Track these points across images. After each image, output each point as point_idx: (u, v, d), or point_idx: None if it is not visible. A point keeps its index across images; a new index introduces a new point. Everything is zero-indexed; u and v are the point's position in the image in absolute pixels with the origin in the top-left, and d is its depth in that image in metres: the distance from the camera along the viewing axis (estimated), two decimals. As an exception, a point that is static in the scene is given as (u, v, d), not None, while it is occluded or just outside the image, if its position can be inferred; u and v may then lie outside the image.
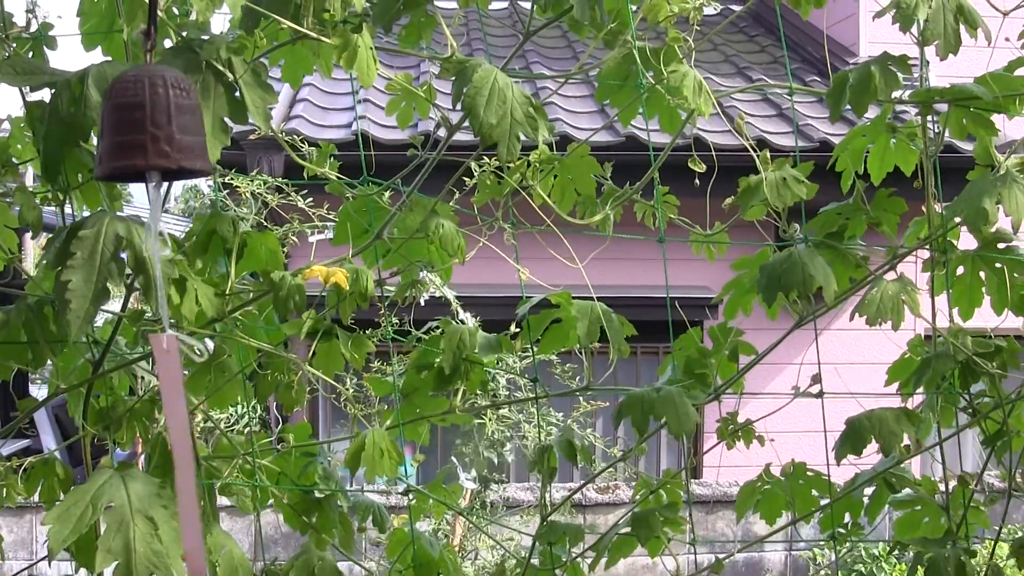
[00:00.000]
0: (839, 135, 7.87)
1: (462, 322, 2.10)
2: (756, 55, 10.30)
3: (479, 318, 5.32)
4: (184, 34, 1.55)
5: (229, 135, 1.52)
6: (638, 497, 2.22)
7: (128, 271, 1.41)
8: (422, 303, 2.17)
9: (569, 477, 8.53)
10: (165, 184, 1.42)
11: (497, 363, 2.16)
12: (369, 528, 2.19)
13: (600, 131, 7.63)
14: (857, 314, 1.99)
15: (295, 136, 2.93)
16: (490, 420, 7.07)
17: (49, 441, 9.08)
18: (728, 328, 2.12)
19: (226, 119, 1.53)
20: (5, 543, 2.10)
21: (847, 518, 2.24)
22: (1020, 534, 7.24)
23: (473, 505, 7.15)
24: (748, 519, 7.69)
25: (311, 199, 5.32)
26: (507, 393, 6.91)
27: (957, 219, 1.97)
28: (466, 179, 2.14)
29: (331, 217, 2.18)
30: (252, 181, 5.20)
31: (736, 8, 10.25)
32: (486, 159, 2.13)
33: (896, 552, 7.00)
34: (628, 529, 2.09)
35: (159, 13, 1.48)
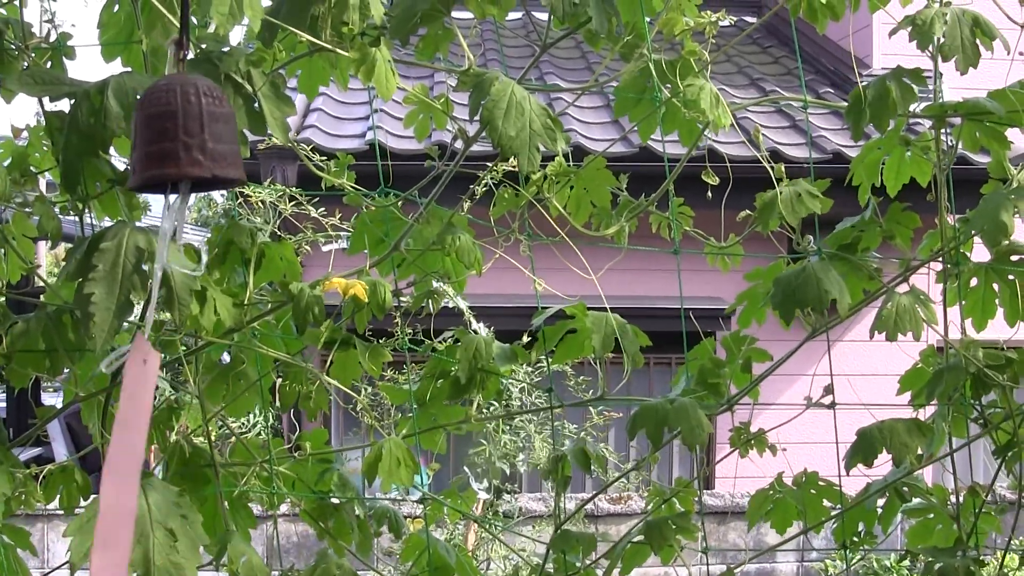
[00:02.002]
0: (853, 147, 7.87)
1: (475, 332, 2.10)
2: (770, 67, 10.30)
3: (493, 328, 5.33)
4: (204, 46, 1.56)
5: (247, 147, 1.53)
6: (651, 506, 2.23)
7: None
8: (442, 309, 2.18)
9: (582, 488, 8.52)
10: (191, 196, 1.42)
11: (511, 374, 2.17)
12: (383, 536, 2.19)
13: (615, 143, 7.64)
14: (876, 331, 1.99)
15: (308, 146, 2.94)
16: (502, 432, 7.07)
17: (61, 450, 9.08)
18: (741, 337, 2.13)
19: (244, 131, 1.54)
20: (17, 552, 2.11)
21: (860, 528, 2.25)
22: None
23: (486, 515, 7.15)
24: (760, 530, 7.68)
25: (323, 209, 5.32)
26: (520, 404, 6.91)
27: (974, 233, 1.97)
28: (476, 188, 2.15)
29: (344, 227, 2.19)
30: (265, 191, 5.21)
31: (750, 20, 10.25)
32: (502, 169, 2.14)
33: (907, 563, 6.99)
34: (641, 537, 2.09)
35: (178, 23, 1.49)
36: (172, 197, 1.32)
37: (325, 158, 2.24)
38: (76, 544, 1.43)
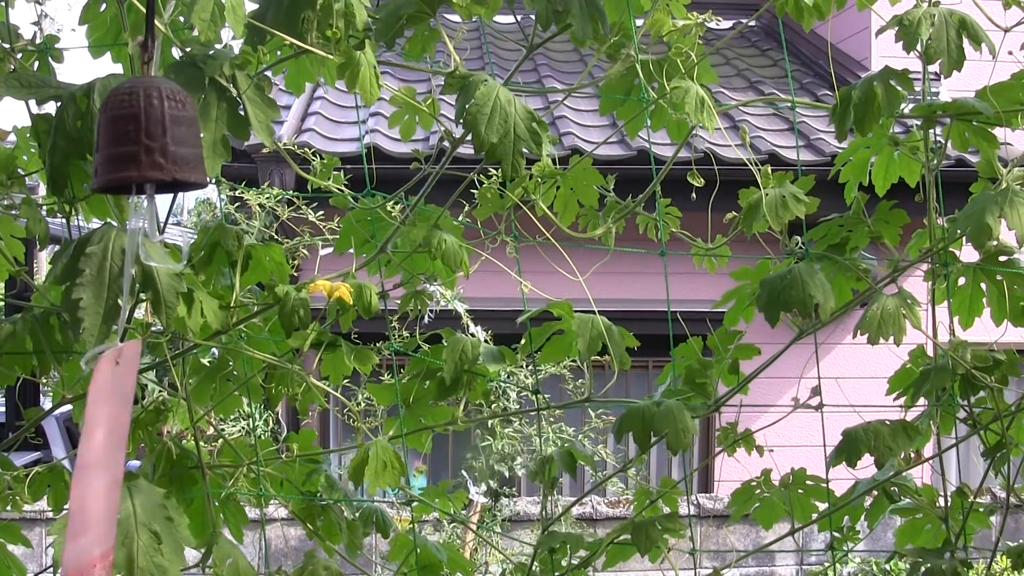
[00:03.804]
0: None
1: (472, 335, 2.11)
2: (768, 69, 10.30)
3: (490, 331, 5.33)
4: (188, 49, 1.56)
5: (231, 151, 1.53)
6: (634, 508, 2.23)
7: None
8: (429, 316, 2.17)
9: (581, 493, 8.52)
10: (168, 196, 1.42)
11: (508, 377, 2.18)
12: (381, 542, 2.20)
13: (609, 145, 7.63)
14: (859, 332, 2.00)
15: (307, 149, 2.94)
16: (499, 436, 7.08)
17: (60, 453, 9.08)
18: (729, 335, 2.12)
19: (228, 135, 1.53)
20: (15, 554, 2.12)
21: (846, 522, 2.25)
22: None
23: (483, 518, 7.15)
24: (759, 534, 7.68)
25: (322, 212, 5.33)
26: (519, 406, 6.92)
27: (960, 234, 1.98)
28: (474, 191, 2.15)
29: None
30: (262, 194, 5.22)
31: (750, 25, 10.26)
32: (493, 172, 2.14)
33: (906, 565, 6.98)
34: (626, 537, 2.09)
35: (163, 27, 1.49)
36: (140, 198, 1.32)
37: (323, 161, 2.24)
38: (59, 542, 1.43)
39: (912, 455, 2.09)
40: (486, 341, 2.18)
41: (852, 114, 1.90)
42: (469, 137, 1.67)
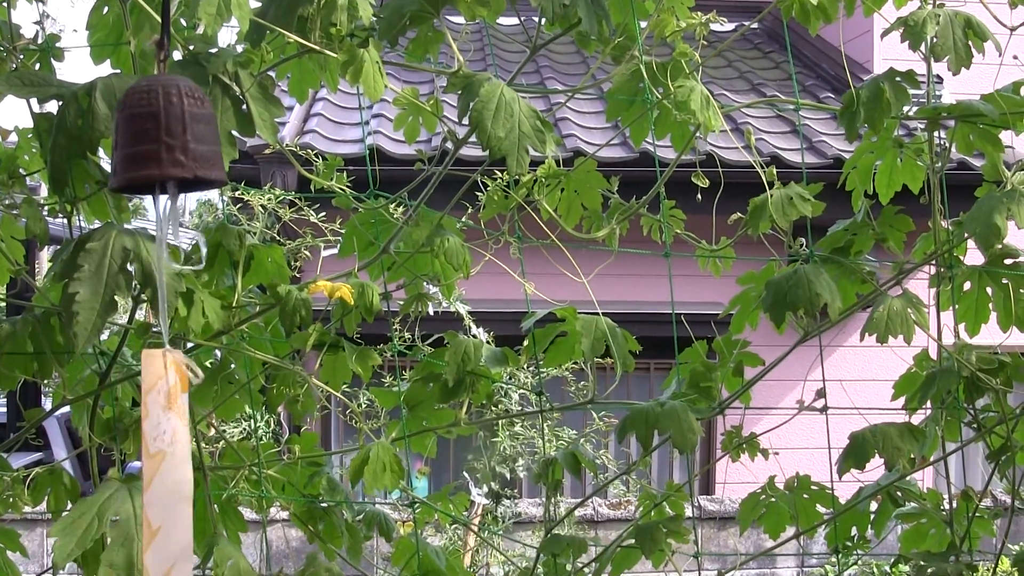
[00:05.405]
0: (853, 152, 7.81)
1: (474, 337, 2.10)
2: (770, 71, 10.29)
3: (492, 333, 5.33)
4: (191, 47, 1.56)
5: (237, 148, 1.53)
6: (640, 511, 2.22)
7: (136, 283, 1.41)
8: (431, 314, 2.16)
9: (582, 494, 8.51)
10: (180, 196, 1.42)
11: (509, 379, 2.17)
12: (382, 543, 2.20)
13: (612, 147, 7.62)
14: (867, 333, 1.99)
15: (309, 151, 2.93)
16: (502, 438, 7.07)
17: (61, 454, 9.07)
18: (733, 341, 2.12)
19: (234, 132, 1.53)
20: (15, 556, 2.11)
21: (854, 532, 2.24)
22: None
23: (484, 520, 7.14)
24: (760, 536, 7.67)
25: (324, 214, 5.32)
26: (519, 408, 6.91)
27: (967, 236, 1.97)
28: (477, 193, 2.14)
29: (343, 232, 2.18)
30: (264, 195, 5.21)
31: (753, 27, 10.26)
32: (498, 174, 2.13)
33: (905, 568, 6.98)
34: (631, 541, 2.08)
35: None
36: (163, 200, 1.31)
37: (326, 162, 2.23)
38: (59, 545, 1.43)
39: (918, 459, 2.08)
40: (488, 342, 2.17)
41: (862, 113, 1.89)
42: (473, 137, 1.67)
